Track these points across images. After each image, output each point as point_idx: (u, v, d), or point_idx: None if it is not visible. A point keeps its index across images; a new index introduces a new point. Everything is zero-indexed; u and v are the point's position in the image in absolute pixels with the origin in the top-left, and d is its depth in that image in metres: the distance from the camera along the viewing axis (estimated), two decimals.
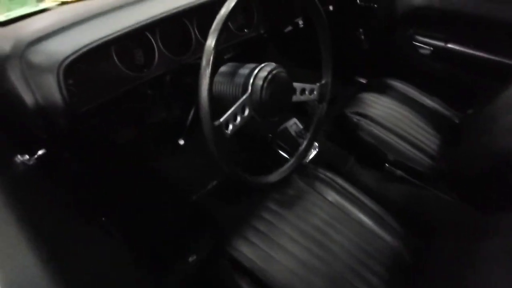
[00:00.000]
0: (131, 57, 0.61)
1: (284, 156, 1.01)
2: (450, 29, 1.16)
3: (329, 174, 0.81)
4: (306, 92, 0.61)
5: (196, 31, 0.67)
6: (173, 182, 1.02)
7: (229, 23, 0.69)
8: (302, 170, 0.83)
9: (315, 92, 0.63)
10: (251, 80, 0.51)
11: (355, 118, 1.02)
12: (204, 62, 0.42)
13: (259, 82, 0.50)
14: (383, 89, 1.18)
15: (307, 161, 0.95)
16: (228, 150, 0.47)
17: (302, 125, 0.94)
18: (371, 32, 1.34)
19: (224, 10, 0.44)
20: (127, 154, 0.92)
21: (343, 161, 1.02)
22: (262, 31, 0.78)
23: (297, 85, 0.59)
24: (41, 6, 0.69)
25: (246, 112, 0.51)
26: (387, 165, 0.94)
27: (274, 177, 0.61)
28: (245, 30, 0.77)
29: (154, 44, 0.60)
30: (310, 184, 0.79)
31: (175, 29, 0.64)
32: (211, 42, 0.43)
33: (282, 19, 0.80)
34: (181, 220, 0.96)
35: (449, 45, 1.16)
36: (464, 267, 0.53)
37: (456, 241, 0.60)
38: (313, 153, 0.97)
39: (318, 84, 0.63)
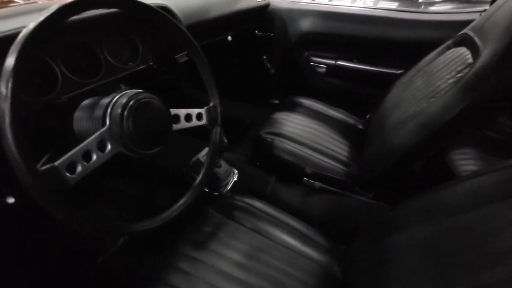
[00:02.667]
0: None
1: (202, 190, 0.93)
2: (337, 48, 1.31)
3: (247, 200, 0.76)
4: (193, 118, 0.57)
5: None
6: (72, 246, 0.83)
7: (109, 58, 0.62)
8: (218, 201, 0.76)
9: (204, 117, 0.59)
10: (109, 110, 0.44)
11: (269, 138, 1.02)
12: (2, 90, 0.33)
13: (118, 111, 0.44)
14: (293, 107, 1.23)
15: (226, 190, 0.89)
16: (69, 198, 0.37)
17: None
18: (274, 58, 1.43)
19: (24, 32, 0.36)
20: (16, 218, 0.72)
21: (264, 183, 0.99)
22: (151, 63, 0.74)
23: (180, 111, 0.54)
24: None
25: (108, 147, 0.43)
26: (305, 178, 0.94)
27: (156, 221, 0.51)
28: (130, 63, 0.71)
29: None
30: (227, 215, 0.72)
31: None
32: (9, 63, 0.34)
33: (170, 49, 0.76)
34: None
35: (339, 62, 1.30)
36: (381, 264, 0.52)
37: (374, 240, 0.60)
38: (232, 181, 0.92)
39: (205, 107, 0.59)
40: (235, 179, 0.94)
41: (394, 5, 2.33)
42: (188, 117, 0.56)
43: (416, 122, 0.75)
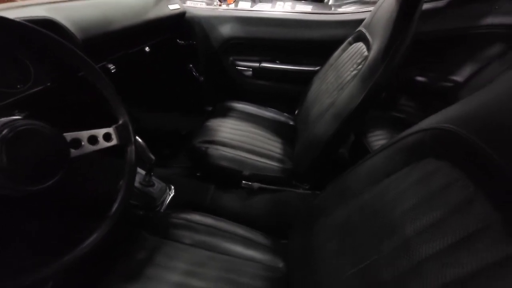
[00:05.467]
0: None
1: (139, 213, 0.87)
2: (260, 51, 1.36)
3: (184, 216, 0.73)
4: (100, 139, 0.52)
5: None
6: None
7: None
8: (152, 222, 0.72)
9: (113, 137, 0.55)
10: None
11: (203, 146, 1.01)
12: None
13: None
14: (225, 113, 1.24)
15: (163, 208, 0.85)
16: None
17: (144, 171, 0.84)
18: (200, 65, 1.42)
19: None
20: None
21: (204, 194, 0.97)
22: (48, 83, 0.66)
23: (80, 134, 0.49)
24: None
25: None
26: (244, 182, 0.95)
27: (63, 262, 0.45)
28: (19, 86, 0.62)
29: None
30: (163, 235, 0.68)
31: None
32: None
33: (70, 66, 0.69)
34: None
35: (263, 64, 1.36)
36: (312, 250, 0.55)
37: (306, 228, 0.63)
38: (168, 198, 0.88)
39: (114, 126, 0.55)
40: (172, 194, 0.90)
41: (309, 8, 2.52)
42: (92, 140, 0.51)
43: (331, 113, 0.82)
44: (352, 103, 0.76)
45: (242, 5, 1.75)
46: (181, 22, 1.28)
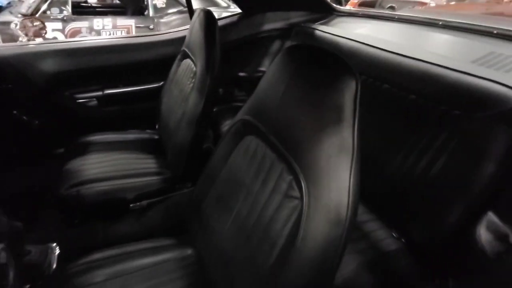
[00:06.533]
0: None
1: None
2: (99, 79, 1.35)
3: (81, 262, 0.75)
4: None
5: None
6: None
7: None
8: (53, 285, 0.70)
9: None
10: None
11: (73, 191, 0.98)
12: None
13: None
14: (83, 149, 1.19)
15: (54, 268, 0.81)
16: None
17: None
18: (31, 108, 1.26)
19: None
20: None
21: (93, 234, 0.96)
22: None
23: None
24: None
25: None
26: (131, 205, 1.01)
27: None
28: None
29: None
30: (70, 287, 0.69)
31: None
32: None
33: None
34: None
35: (106, 91, 1.36)
36: (207, 221, 0.74)
37: (196, 214, 0.80)
38: (54, 257, 0.83)
39: None
40: (58, 252, 0.85)
41: (132, 22, 2.55)
42: None
43: (185, 121, 1.01)
44: (197, 109, 0.97)
45: (54, 34, 1.60)
46: None
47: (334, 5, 1.55)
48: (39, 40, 1.99)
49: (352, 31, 1.25)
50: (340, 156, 0.42)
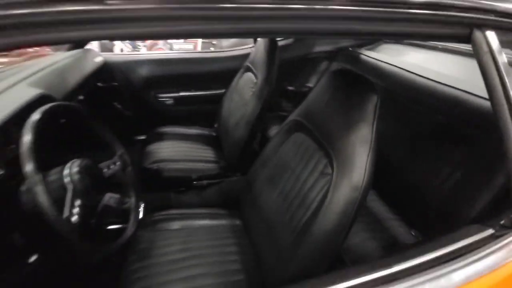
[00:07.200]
0: None
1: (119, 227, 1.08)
2: (177, 84, 1.70)
3: (163, 212, 1.02)
4: (112, 166, 0.79)
5: None
6: None
7: None
8: (143, 225, 0.98)
9: (117, 163, 0.82)
10: (69, 178, 0.63)
11: (154, 166, 1.28)
12: None
13: (75, 177, 0.63)
14: (159, 137, 1.52)
15: (141, 216, 1.09)
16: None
17: (116, 195, 1.06)
18: (125, 102, 1.64)
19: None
20: None
21: (166, 201, 1.25)
22: None
23: (102, 164, 0.75)
24: None
25: (77, 202, 0.62)
26: (194, 182, 1.28)
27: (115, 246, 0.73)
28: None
29: None
30: (155, 229, 0.96)
31: None
32: None
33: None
34: None
35: (181, 94, 1.70)
36: (255, 197, 0.96)
37: (247, 192, 1.03)
38: (141, 208, 1.12)
39: (116, 156, 0.82)
40: (143, 205, 1.15)
41: (198, 39, 2.93)
42: (108, 167, 0.78)
43: (243, 121, 1.26)
44: (255, 113, 1.22)
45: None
46: (101, 69, 1.48)
47: None
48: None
49: (393, 57, 1.41)
50: (361, 145, 0.61)
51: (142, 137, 1.64)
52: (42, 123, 0.62)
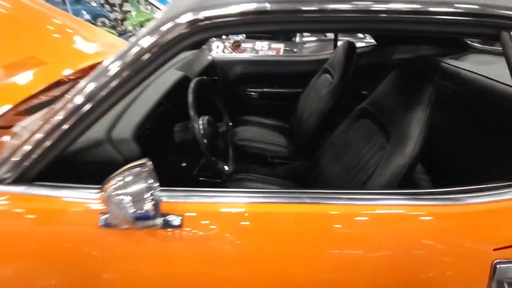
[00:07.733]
0: None
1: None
2: (262, 81, 2.04)
3: (244, 174, 1.33)
4: (222, 126, 1.14)
5: None
6: None
7: None
8: (229, 179, 1.30)
9: (224, 127, 1.16)
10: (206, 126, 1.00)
11: (241, 143, 1.62)
12: None
13: (205, 125, 1.00)
14: (244, 123, 1.87)
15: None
16: None
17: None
18: (222, 92, 2.05)
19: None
20: None
21: (247, 170, 1.56)
22: None
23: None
24: None
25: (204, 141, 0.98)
26: (269, 159, 1.57)
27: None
28: None
29: None
30: (237, 184, 1.27)
31: None
32: None
33: None
34: None
35: (265, 89, 2.03)
36: (320, 171, 1.18)
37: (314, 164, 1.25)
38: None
39: (223, 122, 1.17)
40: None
41: (281, 45, 3.30)
42: (221, 126, 1.13)
43: (316, 113, 1.49)
44: (327, 108, 1.43)
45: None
46: (210, 64, 1.92)
47: (470, 43, 1.70)
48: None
49: (478, 66, 1.43)
50: (416, 123, 0.77)
51: (230, 123, 2.02)
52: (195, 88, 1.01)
